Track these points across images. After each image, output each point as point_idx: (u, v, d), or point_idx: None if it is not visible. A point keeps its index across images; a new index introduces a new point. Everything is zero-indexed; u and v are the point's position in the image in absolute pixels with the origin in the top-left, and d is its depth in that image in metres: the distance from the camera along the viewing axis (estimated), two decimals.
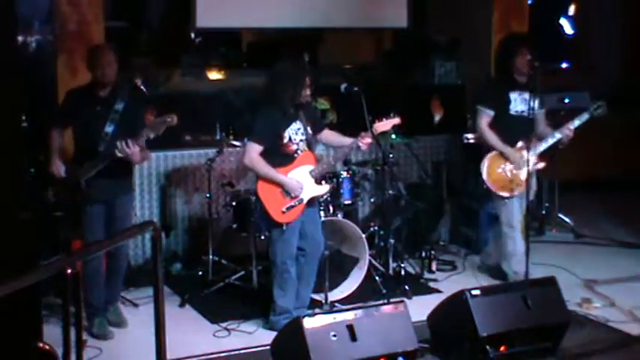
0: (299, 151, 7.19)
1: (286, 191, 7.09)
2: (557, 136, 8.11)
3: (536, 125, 8.12)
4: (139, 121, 7.11)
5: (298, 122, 7.19)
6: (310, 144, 7.30)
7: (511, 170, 8.17)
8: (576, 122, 8.07)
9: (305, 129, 7.22)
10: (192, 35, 10.74)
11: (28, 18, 8.61)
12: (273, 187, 7.09)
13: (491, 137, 8.23)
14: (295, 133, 7.17)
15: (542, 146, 8.13)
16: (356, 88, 7.34)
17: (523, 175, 8.05)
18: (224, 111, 9.47)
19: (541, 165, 8.17)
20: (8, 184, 6.33)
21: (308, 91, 7.15)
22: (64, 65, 8.38)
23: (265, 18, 10.39)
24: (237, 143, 8.31)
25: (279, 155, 7.11)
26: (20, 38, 8.33)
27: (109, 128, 6.98)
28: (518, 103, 8.13)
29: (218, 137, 8.40)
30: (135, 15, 10.77)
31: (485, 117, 8.27)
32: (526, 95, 8.00)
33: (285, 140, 7.11)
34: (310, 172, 7.20)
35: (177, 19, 10.61)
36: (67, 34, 8.38)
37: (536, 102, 7.99)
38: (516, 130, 8.06)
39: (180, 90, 10.06)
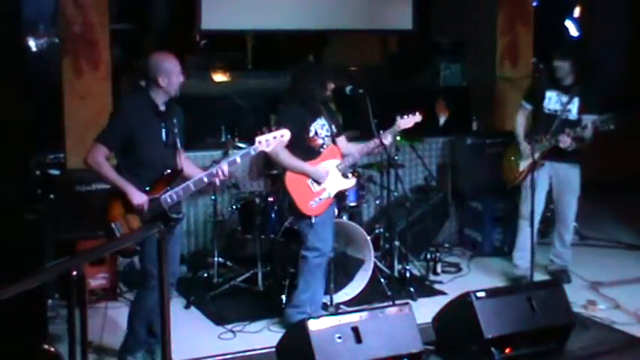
0: (325, 146, 7.24)
1: (314, 182, 7.13)
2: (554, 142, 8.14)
3: (580, 127, 8.10)
4: (183, 130, 6.62)
5: (323, 118, 7.26)
6: (335, 140, 7.34)
7: (518, 157, 8.46)
8: (578, 130, 8.05)
9: (330, 125, 7.29)
10: (197, 37, 10.75)
11: (33, 20, 8.63)
12: (301, 179, 7.14)
13: (516, 124, 8.57)
14: (321, 128, 7.24)
15: (542, 147, 8.18)
16: (361, 90, 7.37)
17: (522, 167, 8.38)
18: (229, 113, 9.46)
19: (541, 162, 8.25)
20: (14, 185, 6.34)
21: (332, 85, 7.21)
22: (69, 67, 8.39)
23: (270, 20, 10.41)
24: (242, 145, 8.31)
25: (305, 149, 7.15)
26: (26, 40, 8.35)
27: (179, 144, 6.42)
28: (553, 102, 8.25)
29: (223, 139, 8.40)
30: (140, 17, 10.79)
31: (522, 109, 8.58)
32: (564, 97, 8.16)
33: (311, 134, 7.18)
34: (337, 166, 7.24)
35: (182, 21, 10.62)
36: (73, 36, 8.39)
37: (575, 105, 8.15)
38: (543, 127, 8.22)
39: (185, 92, 10.04)
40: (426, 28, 11.38)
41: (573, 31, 13.69)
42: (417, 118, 7.45)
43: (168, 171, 6.33)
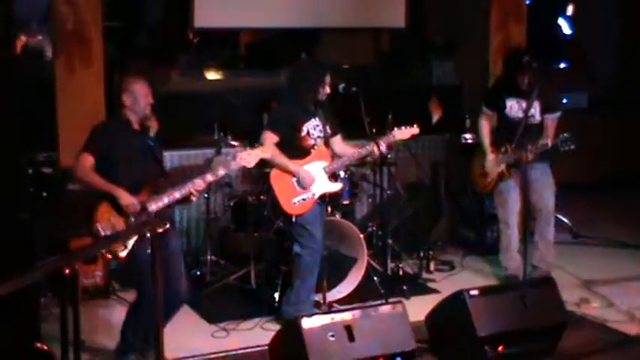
0: (315, 147, 7.24)
1: (299, 182, 7.13)
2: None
3: (544, 131, 8.07)
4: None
5: (317, 119, 7.26)
6: (327, 142, 7.33)
7: (485, 167, 8.40)
8: (539, 146, 7.92)
9: (324, 127, 7.28)
10: (190, 35, 10.74)
11: (26, 18, 8.61)
12: (286, 177, 7.15)
13: (481, 132, 8.50)
14: (313, 128, 7.24)
15: (508, 159, 8.19)
16: (354, 88, 7.37)
17: (491, 176, 8.33)
18: (222, 111, 9.46)
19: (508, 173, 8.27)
20: (7, 183, 6.33)
21: (327, 89, 7.19)
22: (62, 65, 8.36)
23: (263, 18, 10.41)
24: (235, 143, 8.31)
25: (296, 148, 7.16)
26: (18, 38, 8.32)
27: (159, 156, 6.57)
28: (515, 109, 8.18)
29: (216, 137, 8.40)
30: (133, 15, 10.76)
31: (484, 115, 8.49)
32: (524, 103, 8.05)
33: (303, 133, 7.18)
34: (324, 168, 7.24)
35: (175, 19, 10.61)
36: (65, 34, 8.36)
37: (537, 109, 8.04)
38: (508, 134, 8.15)
39: (178, 90, 10.06)
40: (419, 25, 11.38)
41: (566, 29, 13.71)
42: (413, 130, 7.46)
43: (153, 180, 6.37)
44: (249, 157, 6.50)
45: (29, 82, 8.11)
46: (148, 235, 5.22)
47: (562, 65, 13.65)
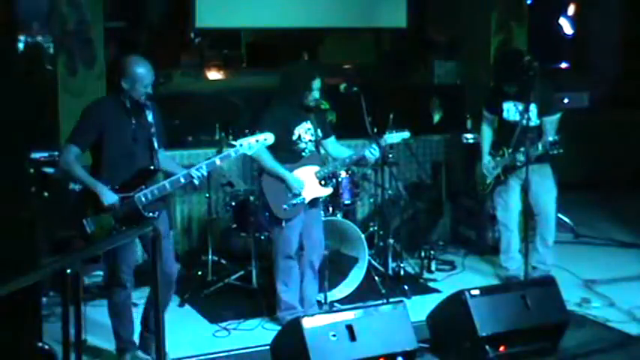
0: (307, 151, 7.23)
1: (289, 187, 7.12)
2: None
3: (544, 134, 8.08)
4: (163, 130, 6.55)
5: (309, 122, 7.24)
6: (318, 146, 7.33)
7: (483, 170, 8.44)
8: (531, 151, 7.92)
9: (315, 131, 7.26)
10: (192, 35, 10.75)
11: (27, 18, 8.61)
12: (277, 182, 7.12)
13: (481, 136, 8.55)
14: (305, 132, 7.21)
15: (504, 162, 8.23)
16: (355, 88, 7.36)
17: (488, 180, 8.40)
18: (223, 111, 9.47)
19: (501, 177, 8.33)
20: (8, 183, 6.33)
21: (317, 94, 7.16)
22: (63, 65, 8.38)
23: (264, 18, 10.42)
24: (236, 143, 8.29)
25: (287, 152, 7.14)
26: (20, 38, 8.33)
27: (157, 143, 6.31)
28: (512, 112, 8.19)
29: (217, 137, 8.40)
30: (134, 15, 10.78)
31: (485, 118, 8.51)
32: (520, 106, 8.06)
33: (295, 137, 7.16)
34: (316, 173, 7.23)
35: (177, 19, 10.62)
36: (67, 34, 8.38)
37: (534, 111, 8.04)
38: (506, 136, 8.22)
39: (179, 90, 10.07)
40: (420, 25, 11.39)
41: (567, 28, 13.70)
42: (404, 134, 7.46)
43: (144, 169, 6.30)
44: (250, 144, 6.44)
45: (31, 82, 8.12)
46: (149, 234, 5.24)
47: (563, 65, 13.64)
